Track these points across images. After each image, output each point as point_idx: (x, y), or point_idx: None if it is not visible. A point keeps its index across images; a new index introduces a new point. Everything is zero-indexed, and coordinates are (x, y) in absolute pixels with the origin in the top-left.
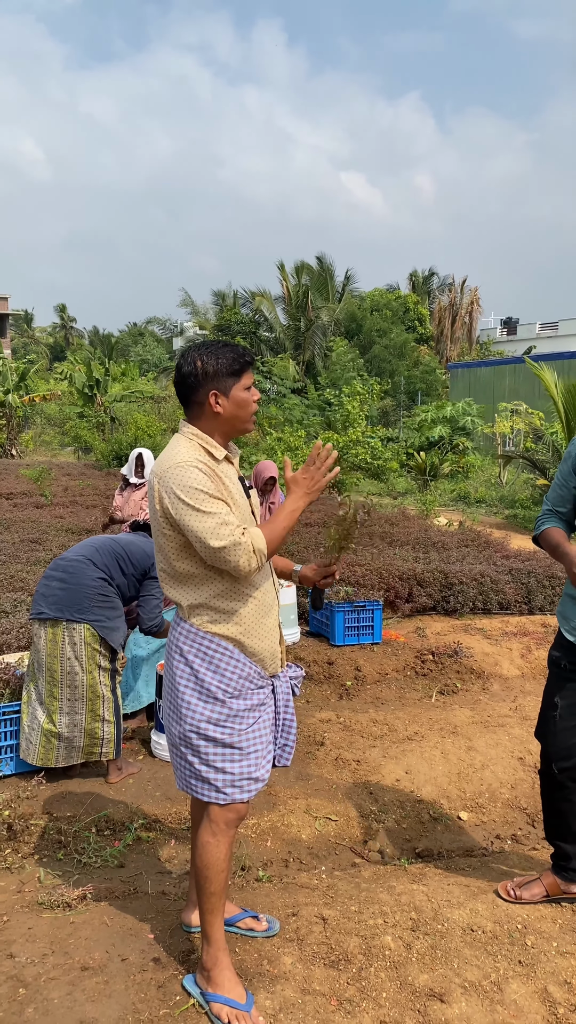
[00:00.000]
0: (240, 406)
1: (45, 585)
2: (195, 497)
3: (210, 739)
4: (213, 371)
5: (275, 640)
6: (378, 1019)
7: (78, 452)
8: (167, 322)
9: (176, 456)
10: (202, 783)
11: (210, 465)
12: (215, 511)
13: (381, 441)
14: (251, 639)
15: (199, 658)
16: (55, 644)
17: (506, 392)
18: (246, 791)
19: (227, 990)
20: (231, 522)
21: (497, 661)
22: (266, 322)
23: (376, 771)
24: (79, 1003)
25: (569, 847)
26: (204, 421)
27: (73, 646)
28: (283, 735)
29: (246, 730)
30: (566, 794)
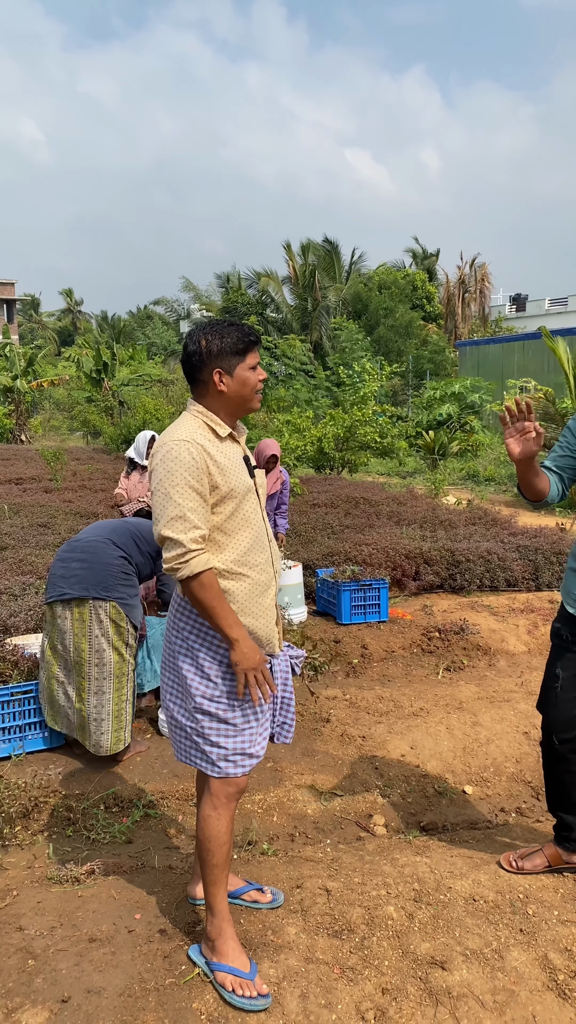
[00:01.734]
0: (244, 385)
1: (63, 567)
2: (173, 479)
3: (205, 713)
4: (217, 350)
5: (271, 620)
6: (380, 987)
7: (87, 437)
8: (174, 303)
9: (176, 432)
10: (200, 754)
11: (209, 445)
12: (180, 500)
13: (390, 419)
14: (247, 617)
15: (194, 634)
16: (82, 624)
17: (515, 369)
18: (240, 766)
19: (231, 959)
20: (190, 520)
21: (504, 637)
22: (273, 303)
23: (382, 746)
24: (87, 973)
25: (570, 818)
26: (209, 399)
27: (100, 624)
28: (282, 712)
29: (240, 706)
30: (567, 766)
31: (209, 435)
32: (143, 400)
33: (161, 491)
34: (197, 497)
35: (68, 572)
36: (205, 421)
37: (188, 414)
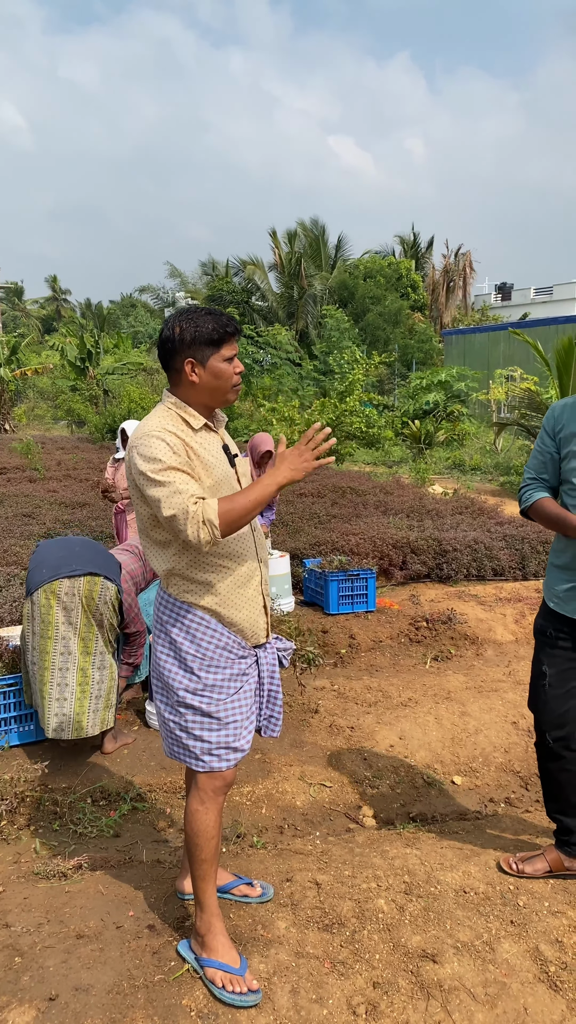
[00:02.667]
0: (217, 377)
1: (65, 551)
2: (152, 467)
3: (188, 707)
4: (191, 339)
5: (255, 610)
6: (371, 980)
7: (71, 425)
8: (160, 291)
9: (145, 426)
10: (182, 749)
11: (182, 435)
12: (169, 480)
13: (377, 409)
14: (228, 609)
15: (176, 627)
16: (91, 599)
17: (501, 358)
18: (224, 760)
19: (221, 955)
20: (184, 491)
21: (491, 627)
22: (258, 291)
23: (370, 737)
24: (74, 970)
25: (570, 821)
26: (182, 389)
27: (104, 603)
28: (268, 706)
29: (224, 700)
30: (563, 764)
31: (182, 426)
32: (128, 389)
33: (148, 481)
34: (183, 474)
35: (73, 554)
36: (178, 413)
37: (161, 406)
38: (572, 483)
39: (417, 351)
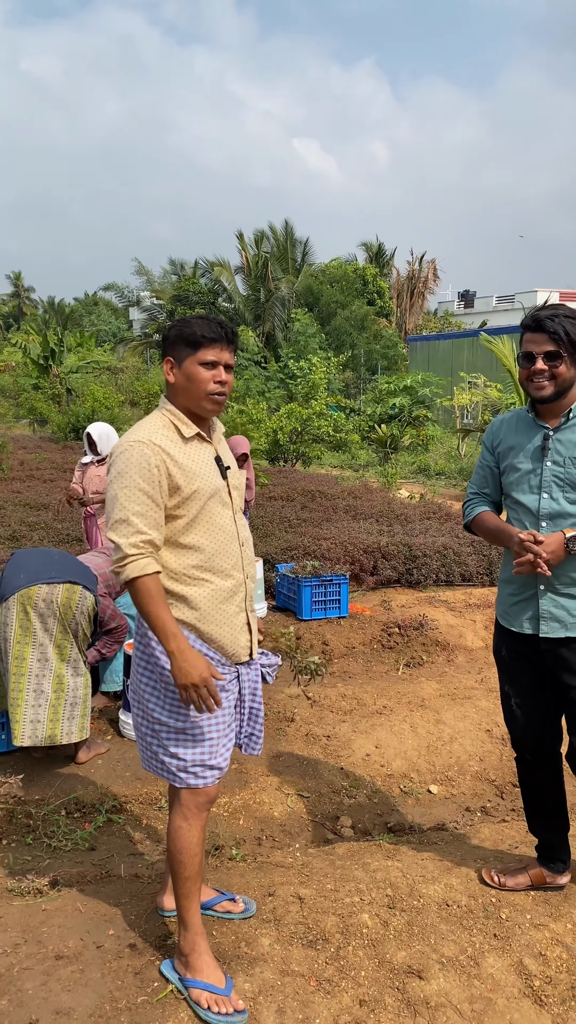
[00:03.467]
0: (190, 379)
1: (42, 559)
2: (123, 481)
3: (163, 723)
4: (172, 338)
5: (237, 627)
6: (358, 998)
7: (33, 424)
8: (124, 289)
9: (135, 433)
10: (159, 764)
11: (170, 446)
12: (127, 504)
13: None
14: (208, 625)
15: (154, 641)
16: (69, 606)
17: (464, 364)
18: (200, 778)
19: (206, 975)
20: (134, 524)
21: (461, 633)
22: (225, 292)
23: (346, 746)
24: (54, 993)
25: (552, 836)
26: (170, 392)
27: (81, 613)
28: (249, 724)
29: (199, 717)
30: (542, 779)
31: (173, 435)
32: (92, 388)
33: (111, 493)
34: (146, 500)
35: (50, 561)
36: (172, 420)
37: (157, 412)
38: (512, 496)
39: (382, 356)
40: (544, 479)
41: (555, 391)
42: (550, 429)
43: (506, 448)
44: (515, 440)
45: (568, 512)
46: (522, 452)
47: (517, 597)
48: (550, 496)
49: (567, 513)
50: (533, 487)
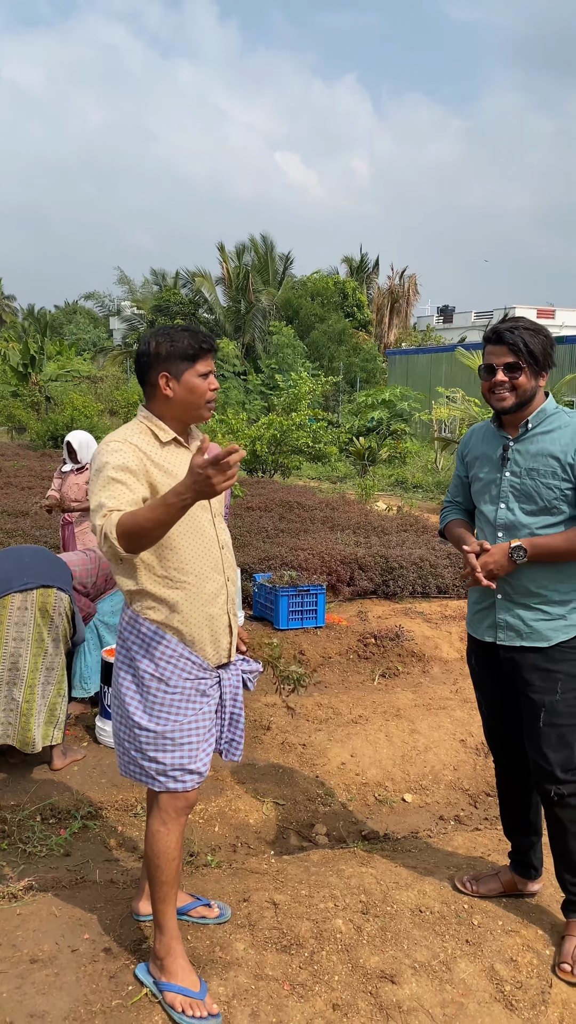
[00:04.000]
0: (191, 392)
1: (14, 562)
2: (99, 477)
3: (143, 727)
4: (166, 353)
5: (219, 630)
6: (331, 1002)
7: (11, 432)
8: (105, 298)
9: (111, 435)
10: (138, 769)
11: (147, 447)
12: (98, 493)
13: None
14: (189, 628)
15: (136, 645)
16: (45, 612)
17: (443, 379)
18: (179, 782)
19: (180, 979)
20: (105, 505)
21: (437, 644)
22: (206, 303)
23: (322, 755)
24: (29, 996)
25: (524, 840)
26: (156, 404)
27: (59, 615)
28: (230, 729)
29: (181, 721)
30: (515, 786)
31: (149, 439)
32: (71, 396)
33: (90, 490)
34: (119, 485)
35: (23, 565)
36: (148, 426)
37: (134, 419)
38: (477, 506)
39: (361, 370)
40: (502, 489)
41: (516, 402)
42: (510, 440)
43: (473, 458)
44: (481, 450)
45: (522, 523)
46: (486, 462)
47: (479, 606)
48: (507, 507)
49: (521, 524)
50: (492, 497)
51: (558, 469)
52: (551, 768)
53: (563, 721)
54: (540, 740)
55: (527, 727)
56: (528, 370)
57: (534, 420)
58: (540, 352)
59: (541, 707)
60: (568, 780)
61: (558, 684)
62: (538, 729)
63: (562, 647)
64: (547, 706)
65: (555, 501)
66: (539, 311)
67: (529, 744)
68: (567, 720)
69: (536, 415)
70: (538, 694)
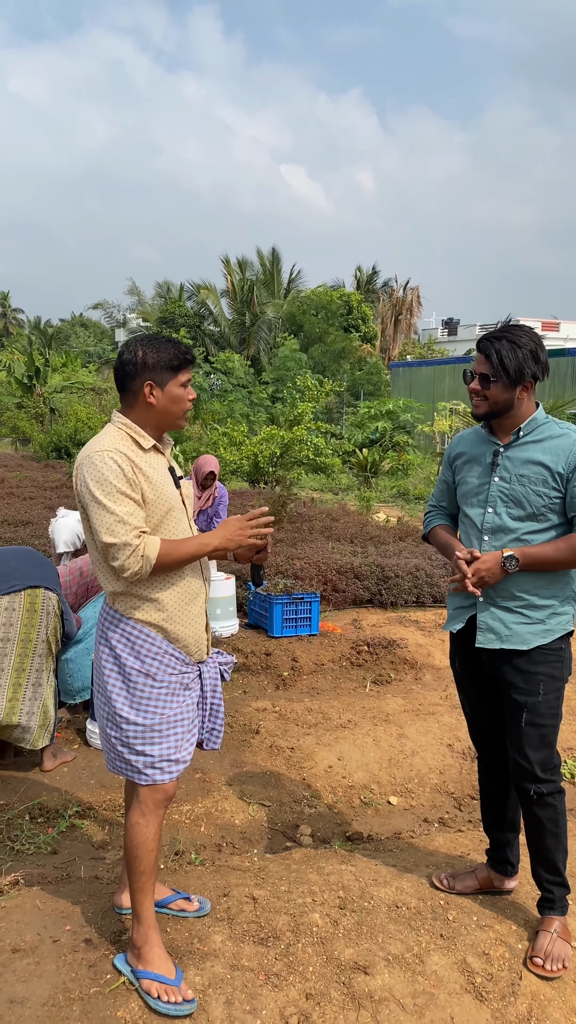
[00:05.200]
0: (174, 401)
1: (2, 565)
2: (103, 488)
3: (131, 722)
4: (152, 363)
5: (200, 627)
6: (304, 992)
7: (16, 443)
8: (113, 309)
9: (97, 443)
10: (125, 764)
11: (132, 455)
12: (116, 507)
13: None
14: (174, 625)
15: (121, 643)
16: (32, 612)
17: (446, 391)
18: (167, 772)
19: (156, 966)
20: (130, 523)
21: (430, 652)
22: (211, 316)
23: (309, 758)
24: (9, 983)
25: (501, 836)
26: (137, 411)
27: (47, 615)
28: (210, 719)
29: (167, 714)
30: (494, 781)
31: (132, 446)
32: (75, 408)
33: (95, 502)
34: (131, 502)
35: (9, 568)
36: (128, 433)
37: (111, 426)
38: (462, 510)
39: (366, 382)
40: (490, 494)
41: (488, 411)
42: (501, 445)
43: (461, 463)
44: (470, 455)
45: (509, 527)
46: (475, 467)
47: (459, 606)
48: (494, 511)
49: (508, 528)
50: (480, 501)
51: (548, 478)
52: (531, 767)
53: (544, 721)
54: (522, 739)
55: (509, 727)
56: (500, 383)
57: (526, 428)
58: (514, 367)
59: (523, 708)
60: (547, 779)
61: (540, 686)
62: (520, 729)
63: (543, 650)
64: (529, 707)
65: (543, 508)
66: (544, 324)
67: (511, 743)
68: (548, 720)
69: (528, 424)
70: (520, 695)
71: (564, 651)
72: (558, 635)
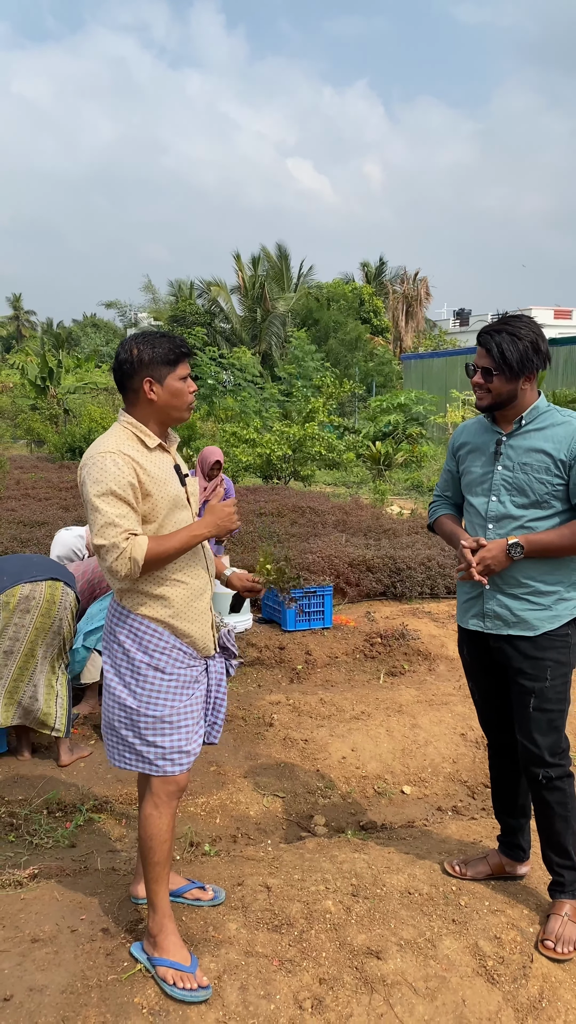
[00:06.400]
0: (174, 395)
1: (21, 561)
2: (99, 489)
3: (142, 714)
4: (148, 359)
5: (206, 622)
6: (317, 977)
7: (31, 445)
8: (126, 308)
9: (101, 444)
10: (135, 756)
11: (136, 455)
12: (108, 510)
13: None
14: (180, 621)
15: (130, 639)
16: (52, 603)
17: (458, 382)
18: (178, 764)
19: (172, 954)
20: (120, 525)
21: (444, 643)
22: (221, 313)
23: (323, 749)
24: (29, 972)
25: (513, 821)
26: (139, 409)
27: (64, 609)
28: (213, 713)
29: (177, 706)
30: (505, 766)
31: (137, 446)
32: (89, 408)
33: (90, 503)
34: (124, 504)
35: (29, 563)
36: (134, 432)
37: (118, 425)
38: (467, 499)
39: (378, 375)
40: (494, 483)
41: (491, 403)
42: (503, 434)
43: (465, 452)
44: (473, 444)
45: (513, 515)
46: (478, 456)
47: (468, 595)
48: (498, 499)
49: (512, 516)
50: (484, 490)
51: (551, 465)
52: (540, 752)
53: (552, 706)
54: (530, 725)
55: (517, 712)
56: (502, 376)
57: (527, 417)
58: (516, 360)
59: (531, 693)
60: (555, 763)
61: (547, 671)
62: (528, 714)
63: (550, 636)
64: (537, 692)
65: (546, 496)
66: (556, 312)
67: (519, 729)
68: (555, 705)
69: (529, 412)
70: (528, 681)
71: (571, 636)
72: (565, 620)
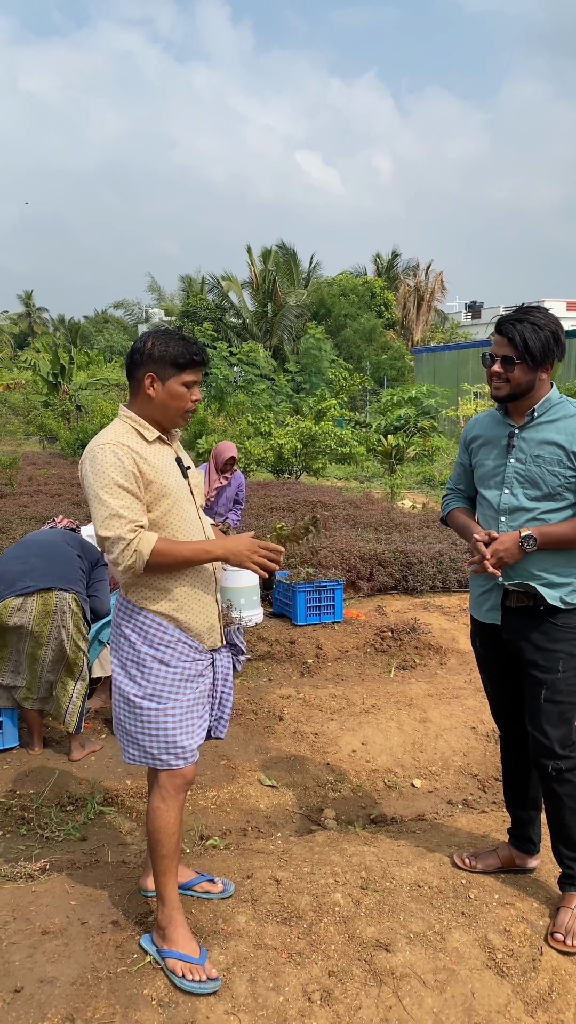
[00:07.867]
0: (173, 398)
1: (21, 564)
2: (101, 481)
3: (147, 708)
4: (158, 355)
5: (212, 616)
6: (326, 969)
7: (43, 441)
8: (135, 306)
9: (101, 437)
10: (140, 751)
11: (136, 446)
12: (111, 501)
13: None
14: (185, 615)
15: (135, 633)
16: (45, 613)
17: (470, 375)
18: (181, 758)
19: (181, 946)
20: (125, 516)
21: (455, 636)
22: (232, 308)
23: (333, 743)
24: (39, 964)
25: (523, 814)
26: (138, 402)
27: (63, 614)
28: (219, 708)
29: (181, 700)
30: (516, 758)
31: (136, 438)
32: (100, 404)
33: (93, 495)
34: (128, 495)
35: (29, 567)
36: (133, 426)
37: (117, 419)
38: (480, 491)
39: (390, 368)
40: (507, 475)
41: (510, 392)
42: (516, 427)
43: (477, 445)
44: (486, 437)
45: (525, 507)
46: (490, 449)
47: (481, 588)
48: (511, 492)
49: (525, 508)
50: (497, 483)
51: (563, 457)
52: (550, 743)
53: (563, 698)
54: (541, 716)
55: (528, 704)
56: (524, 365)
57: (540, 409)
58: (539, 349)
59: (543, 685)
60: (566, 755)
61: (559, 663)
62: (539, 706)
63: (562, 628)
64: (548, 684)
65: (559, 488)
66: (568, 304)
67: (530, 720)
68: (567, 698)
69: (541, 404)
70: (540, 672)
71: None
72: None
